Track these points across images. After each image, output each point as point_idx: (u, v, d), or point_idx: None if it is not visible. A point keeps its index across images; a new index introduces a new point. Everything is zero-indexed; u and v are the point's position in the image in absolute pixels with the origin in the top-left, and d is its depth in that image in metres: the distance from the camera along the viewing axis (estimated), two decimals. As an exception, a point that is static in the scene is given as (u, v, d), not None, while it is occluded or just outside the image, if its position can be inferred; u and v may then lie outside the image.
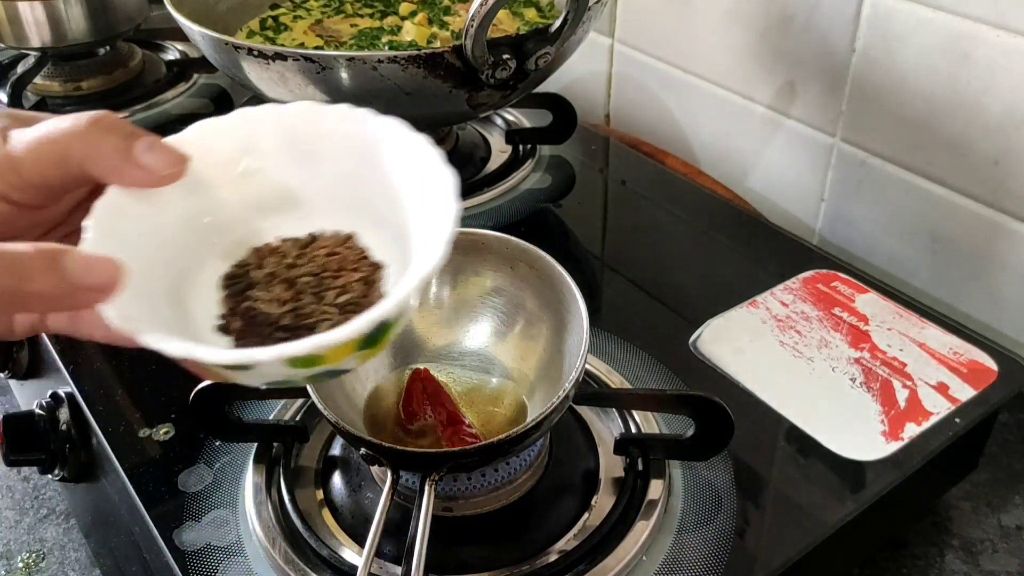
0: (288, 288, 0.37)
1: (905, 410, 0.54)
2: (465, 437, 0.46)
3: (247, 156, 0.38)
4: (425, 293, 0.52)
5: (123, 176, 0.34)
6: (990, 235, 0.67)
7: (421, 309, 0.52)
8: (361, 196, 0.39)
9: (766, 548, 0.47)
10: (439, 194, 0.35)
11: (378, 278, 0.37)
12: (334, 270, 0.38)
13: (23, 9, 0.89)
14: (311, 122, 0.38)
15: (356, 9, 0.84)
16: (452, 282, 0.52)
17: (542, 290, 0.49)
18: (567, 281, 0.47)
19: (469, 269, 0.51)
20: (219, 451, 0.52)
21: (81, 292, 0.29)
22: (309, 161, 0.39)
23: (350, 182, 0.39)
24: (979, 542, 0.56)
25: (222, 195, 0.38)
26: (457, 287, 0.52)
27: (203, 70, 0.98)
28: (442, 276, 0.52)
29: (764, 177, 0.83)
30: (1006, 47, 0.62)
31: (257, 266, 0.38)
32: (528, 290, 0.50)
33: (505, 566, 0.45)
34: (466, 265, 0.51)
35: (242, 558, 0.46)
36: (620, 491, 0.49)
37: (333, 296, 0.37)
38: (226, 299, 0.37)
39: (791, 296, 0.63)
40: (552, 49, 0.64)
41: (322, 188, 0.39)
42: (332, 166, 0.39)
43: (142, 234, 0.35)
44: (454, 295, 0.52)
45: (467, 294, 0.52)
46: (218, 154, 0.37)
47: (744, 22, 0.79)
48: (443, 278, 0.52)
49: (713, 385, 0.56)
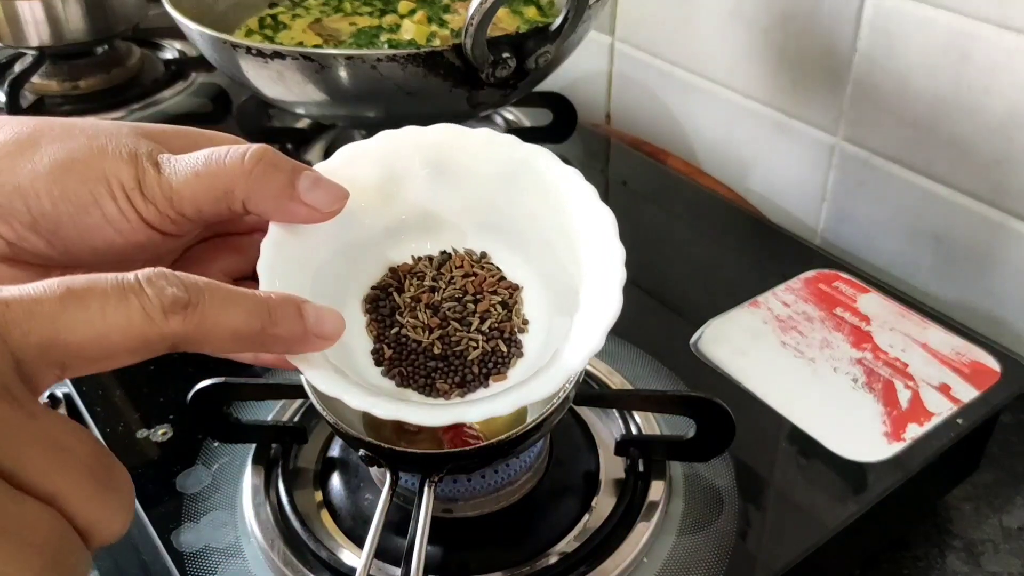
0: (433, 313, 0.39)
1: (907, 411, 0.54)
2: (467, 438, 0.45)
3: (390, 178, 0.39)
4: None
5: (287, 214, 0.35)
6: (992, 235, 0.67)
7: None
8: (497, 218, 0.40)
9: (767, 549, 0.47)
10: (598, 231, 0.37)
11: (517, 300, 0.39)
12: (473, 292, 0.39)
13: (21, 8, 0.88)
14: (455, 145, 0.39)
15: (355, 7, 0.83)
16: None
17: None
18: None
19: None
20: (217, 452, 0.52)
21: (311, 338, 0.31)
22: (448, 183, 0.39)
23: (488, 204, 0.39)
24: (981, 543, 0.56)
25: (365, 218, 0.39)
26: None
27: (201, 69, 0.97)
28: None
29: (765, 177, 0.83)
30: (1008, 46, 0.62)
31: (398, 288, 0.39)
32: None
33: (505, 568, 0.45)
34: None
35: (240, 560, 0.46)
36: (621, 492, 0.48)
37: (477, 322, 0.38)
38: (372, 324, 0.39)
39: (792, 296, 0.63)
40: (552, 48, 0.63)
41: (457, 209, 0.40)
42: (471, 188, 0.39)
43: (302, 268, 0.36)
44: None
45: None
46: (363, 177, 0.38)
47: (746, 21, 0.79)
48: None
49: (714, 386, 0.56)
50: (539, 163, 0.38)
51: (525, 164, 0.38)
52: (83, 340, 0.25)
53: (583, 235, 0.37)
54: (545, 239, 0.39)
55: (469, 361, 0.37)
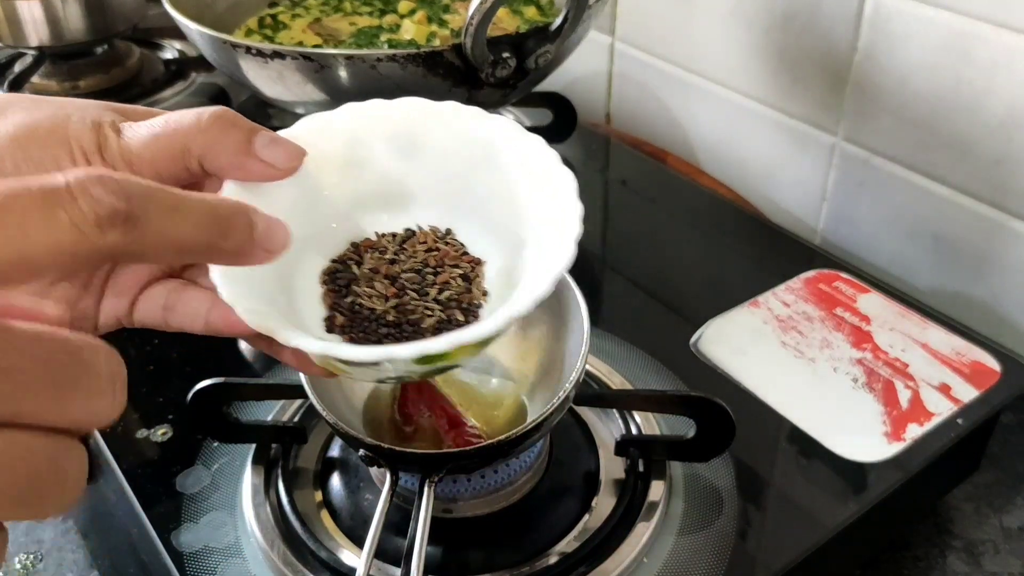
0: (391, 284, 0.38)
1: (907, 411, 0.54)
2: (469, 438, 0.45)
3: (354, 150, 0.38)
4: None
5: (243, 171, 0.34)
6: (992, 235, 0.67)
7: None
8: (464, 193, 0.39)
9: (767, 550, 0.47)
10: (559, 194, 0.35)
11: (478, 274, 0.38)
12: (434, 266, 0.38)
13: (21, 8, 0.88)
14: (421, 118, 0.38)
15: (355, 7, 0.83)
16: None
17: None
18: (567, 281, 0.47)
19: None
20: (217, 452, 0.52)
21: (258, 251, 0.29)
22: (414, 157, 0.39)
23: (453, 179, 0.39)
24: (981, 543, 0.56)
25: (327, 190, 0.38)
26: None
27: (201, 69, 0.98)
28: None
29: (765, 177, 0.83)
30: (1008, 46, 0.61)
31: (357, 261, 0.39)
32: (528, 290, 0.50)
33: (505, 568, 0.45)
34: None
35: (240, 560, 0.46)
36: (621, 492, 0.48)
37: (435, 292, 0.37)
38: (328, 293, 0.38)
39: (793, 296, 0.63)
40: (552, 48, 0.63)
41: (423, 184, 0.39)
42: (437, 162, 0.39)
43: None
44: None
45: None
46: (326, 148, 0.37)
47: (746, 21, 0.79)
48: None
49: (714, 386, 0.56)
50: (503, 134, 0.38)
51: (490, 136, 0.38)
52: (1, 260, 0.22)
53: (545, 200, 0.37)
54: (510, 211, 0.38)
55: (423, 328, 0.36)
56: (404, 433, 0.47)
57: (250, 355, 0.61)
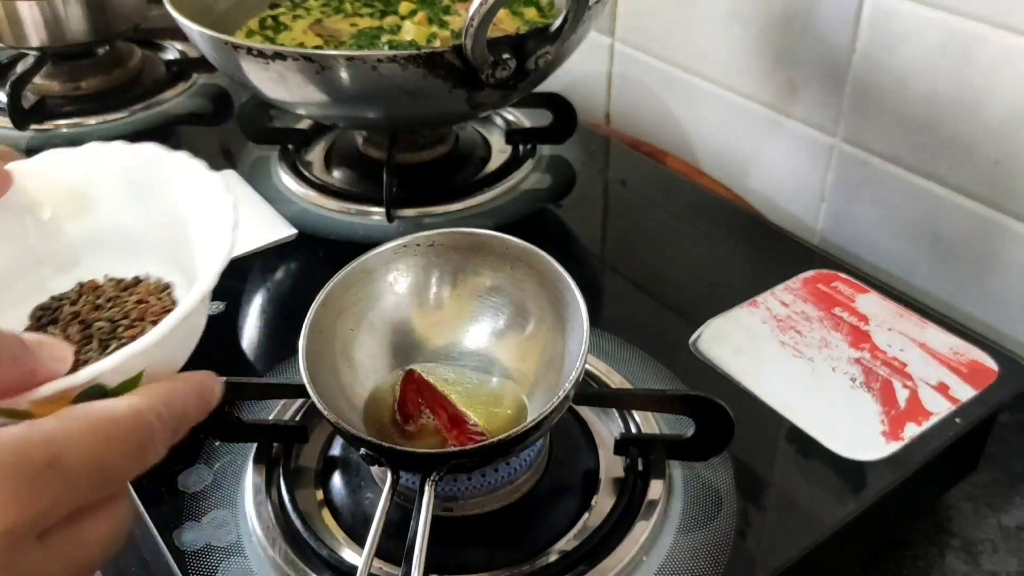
0: (82, 330, 0.37)
1: (905, 410, 0.54)
2: (472, 436, 0.46)
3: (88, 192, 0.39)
4: (425, 293, 0.52)
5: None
6: (991, 235, 0.67)
7: (421, 309, 0.52)
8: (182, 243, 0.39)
9: (766, 548, 0.47)
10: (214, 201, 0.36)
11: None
12: (134, 319, 0.38)
13: (22, 9, 0.88)
14: (149, 166, 0.39)
15: (356, 8, 0.83)
16: (452, 282, 0.52)
17: (542, 290, 0.49)
18: (567, 281, 0.47)
19: (469, 269, 0.51)
20: (219, 451, 0.52)
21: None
22: (143, 203, 0.40)
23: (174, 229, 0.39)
24: (979, 542, 0.56)
25: (62, 226, 0.39)
26: (457, 287, 0.52)
27: (203, 70, 0.98)
28: (442, 276, 0.52)
29: (764, 177, 0.83)
30: (1008, 47, 0.62)
31: (73, 301, 0.39)
32: (528, 290, 0.50)
33: (505, 566, 0.45)
34: (466, 265, 0.51)
35: (242, 558, 0.46)
36: (620, 491, 0.49)
37: (117, 346, 0.36)
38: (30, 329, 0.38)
39: (791, 296, 0.63)
40: (552, 49, 0.64)
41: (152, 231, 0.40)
42: (161, 210, 0.39)
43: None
44: (454, 295, 0.52)
45: (467, 294, 0.52)
46: (62, 185, 0.39)
47: (745, 21, 0.79)
48: (443, 278, 0.52)
49: (713, 385, 0.56)
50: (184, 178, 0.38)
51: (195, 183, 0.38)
52: None
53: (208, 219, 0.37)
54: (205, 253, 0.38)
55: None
56: (405, 432, 0.47)
57: (252, 355, 0.61)
